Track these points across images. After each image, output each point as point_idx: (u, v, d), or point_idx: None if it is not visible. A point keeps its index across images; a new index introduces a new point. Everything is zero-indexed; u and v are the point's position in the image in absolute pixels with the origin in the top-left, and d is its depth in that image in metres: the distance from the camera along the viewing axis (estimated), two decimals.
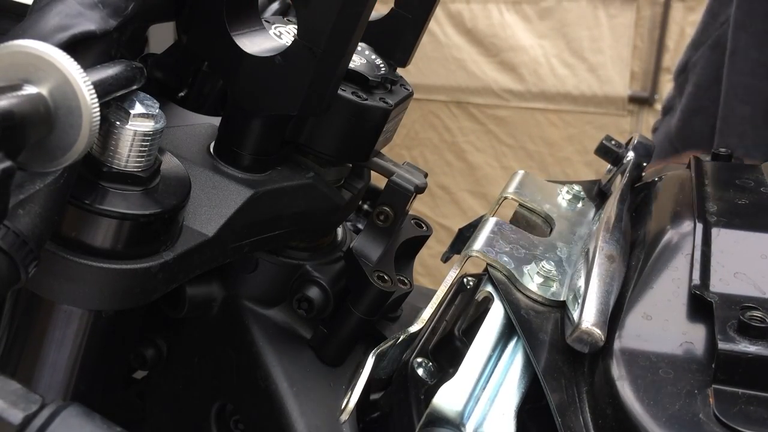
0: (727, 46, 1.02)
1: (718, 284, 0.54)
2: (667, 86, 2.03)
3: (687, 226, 0.60)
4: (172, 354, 0.70)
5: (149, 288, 0.54)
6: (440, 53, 2.24)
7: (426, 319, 0.60)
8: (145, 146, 0.51)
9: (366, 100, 0.60)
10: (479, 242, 0.61)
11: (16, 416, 0.38)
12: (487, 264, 0.60)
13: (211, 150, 0.61)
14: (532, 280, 0.59)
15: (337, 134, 0.61)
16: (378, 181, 0.70)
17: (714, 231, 0.59)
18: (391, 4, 0.66)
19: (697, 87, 1.11)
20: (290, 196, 0.61)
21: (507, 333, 0.56)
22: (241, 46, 0.55)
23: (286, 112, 0.57)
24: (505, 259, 0.60)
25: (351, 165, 0.67)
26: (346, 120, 0.60)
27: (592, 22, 2.29)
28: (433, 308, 0.60)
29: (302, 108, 0.56)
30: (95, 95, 0.43)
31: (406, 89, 0.66)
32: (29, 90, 0.42)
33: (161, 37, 0.77)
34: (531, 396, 0.54)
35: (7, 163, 0.39)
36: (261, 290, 0.66)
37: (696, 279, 0.55)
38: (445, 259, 0.77)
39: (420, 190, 0.64)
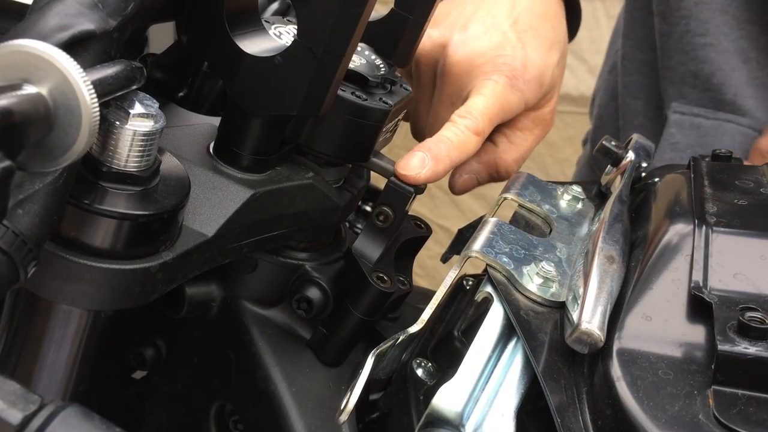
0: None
1: (718, 285, 0.54)
2: None
3: (686, 226, 0.60)
4: (172, 354, 0.70)
5: (148, 288, 0.54)
6: None
7: (426, 320, 0.60)
8: (145, 146, 0.51)
9: (366, 100, 0.60)
10: (479, 243, 0.61)
11: (15, 416, 0.38)
12: (487, 265, 0.60)
13: (211, 150, 0.61)
14: (532, 281, 0.59)
15: (336, 134, 0.61)
16: (378, 181, 0.70)
17: (713, 232, 0.59)
18: (391, 4, 0.66)
19: (601, 108, 1.23)
20: (290, 197, 0.61)
21: (506, 334, 0.56)
22: (241, 47, 0.55)
23: (285, 112, 0.56)
24: (505, 259, 0.60)
25: (351, 165, 0.67)
26: (345, 120, 0.60)
27: (591, 23, 2.29)
28: (433, 309, 0.60)
29: (302, 108, 0.56)
30: (95, 95, 0.43)
31: (406, 89, 0.66)
32: (29, 90, 0.42)
33: (161, 37, 0.77)
34: (530, 397, 0.54)
35: (7, 163, 0.39)
36: (260, 290, 0.66)
37: (695, 280, 0.55)
38: (445, 259, 0.77)
39: (420, 190, 0.64)
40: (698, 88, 1.03)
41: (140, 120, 0.51)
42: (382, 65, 0.65)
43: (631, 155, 0.75)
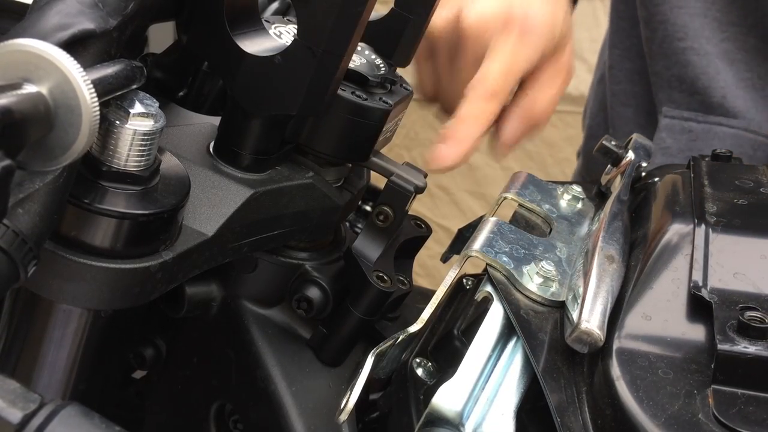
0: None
1: (718, 284, 0.54)
2: None
3: (686, 226, 0.60)
4: (171, 354, 0.70)
5: (148, 287, 0.54)
6: None
7: (426, 320, 0.60)
8: (145, 145, 0.51)
9: (366, 100, 0.60)
10: (479, 242, 0.61)
11: (14, 415, 0.38)
12: (487, 264, 0.60)
13: (211, 150, 0.61)
14: (532, 281, 0.59)
15: (336, 134, 0.61)
16: (377, 181, 0.70)
17: (713, 231, 0.59)
18: (391, 4, 0.66)
19: (590, 118, 1.25)
20: (290, 196, 0.61)
21: (506, 333, 0.56)
22: (241, 46, 0.55)
23: (285, 112, 0.57)
24: (505, 259, 0.60)
25: (351, 165, 0.67)
26: (345, 120, 0.60)
27: (591, 23, 2.29)
28: (433, 308, 0.60)
29: (302, 108, 0.56)
30: (95, 94, 0.43)
31: (406, 89, 0.66)
32: (29, 89, 0.42)
33: (161, 37, 0.77)
34: (530, 396, 0.54)
35: (7, 162, 0.39)
36: (260, 290, 0.66)
37: (695, 279, 0.55)
38: (445, 259, 0.77)
39: (420, 190, 0.64)
40: (685, 92, 1.03)
41: (140, 119, 0.51)
42: (382, 65, 0.65)
43: (631, 155, 0.75)
